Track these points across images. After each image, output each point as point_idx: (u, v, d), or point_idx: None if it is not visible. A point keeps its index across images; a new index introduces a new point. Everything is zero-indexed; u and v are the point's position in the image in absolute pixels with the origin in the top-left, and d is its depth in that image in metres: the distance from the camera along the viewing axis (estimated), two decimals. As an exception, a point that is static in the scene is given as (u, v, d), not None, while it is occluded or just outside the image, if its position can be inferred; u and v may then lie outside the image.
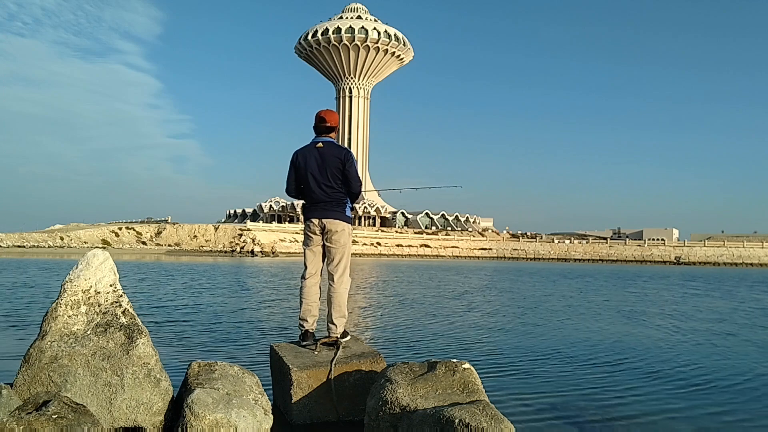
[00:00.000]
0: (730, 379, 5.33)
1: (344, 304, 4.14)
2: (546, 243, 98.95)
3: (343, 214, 4.20)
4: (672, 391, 4.80)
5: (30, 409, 2.52)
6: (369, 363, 3.70)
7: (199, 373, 3.17)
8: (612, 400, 4.45)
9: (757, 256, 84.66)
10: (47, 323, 3.08)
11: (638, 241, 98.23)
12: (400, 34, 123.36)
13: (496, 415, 2.56)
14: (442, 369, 3.12)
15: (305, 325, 4.13)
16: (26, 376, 2.93)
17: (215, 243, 78.27)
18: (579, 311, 11.42)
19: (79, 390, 2.91)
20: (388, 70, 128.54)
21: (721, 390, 4.89)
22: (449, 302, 12.79)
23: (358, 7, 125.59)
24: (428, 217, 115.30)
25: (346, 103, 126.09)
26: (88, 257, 3.33)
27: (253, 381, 3.24)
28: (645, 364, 5.90)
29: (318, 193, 4.15)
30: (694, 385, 5.02)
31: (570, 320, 9.77)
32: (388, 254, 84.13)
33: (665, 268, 55.13)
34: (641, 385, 4.98)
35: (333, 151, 4.15)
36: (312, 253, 4.24)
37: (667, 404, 4.38)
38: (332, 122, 4.29)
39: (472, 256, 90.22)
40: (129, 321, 3.22)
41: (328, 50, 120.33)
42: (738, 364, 6.04)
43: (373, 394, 3.17)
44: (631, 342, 7.38)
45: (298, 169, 4.23)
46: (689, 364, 6.00)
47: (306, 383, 3.54)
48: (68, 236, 73.25)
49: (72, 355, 2.98)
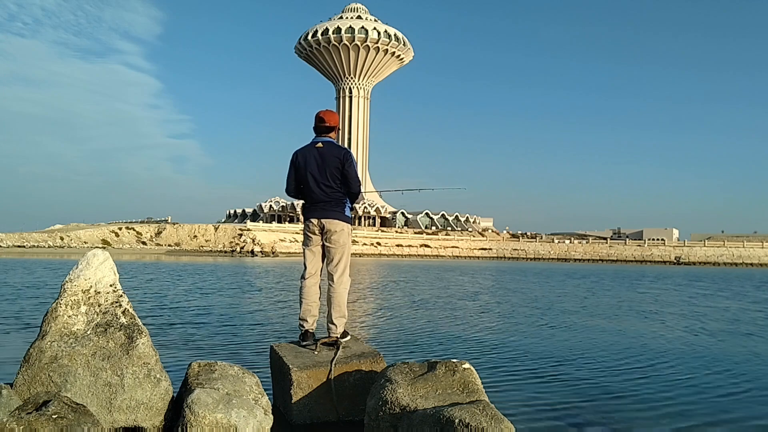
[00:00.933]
0: (730, 380, 5.33)
1: (344, 304, 4.14)
2: (546, 243, 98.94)
3: (343, 214, 4.20)
4: (672, 390, 4.79)
5: (30, 409, 2.52)
6: (369, 363, 3.70)
7: (199, 373, 3.17)
8: (612, 400, 4.44)
9: (757, 256, 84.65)
10: (47, 323, 3.08)
11: (638, 241, 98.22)
12: (400, 34, 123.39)
13: (496, 415, 2.56)
14: (442, 369, 3.12)
15: (305, 325, 4.14)
16: (26, 376, 2.93)
17: (215, 243, 78.27)
18: (595, 312, 11.30)
19: (79, 390, 2.91)
20: (388, 70, 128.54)
21: (724, 390, 4.89)
22: (465, 303, 12.64)
23: (358, 7, 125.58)
24: (428, 217, 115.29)
25: (346, 103, 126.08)
26: (88, 257, 3.33)
27: (253, 381, 3.24)
28: (647, 365, 5.89)
29: (317, 193, 4.15)
30: (698, 385, 5.01)
31: (583, 321, 9.69)
32: (388, 254, 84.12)
33: (665, 268, 55.11)
34: (643, 385, 4.97)
35: (332, 151, 4.16)
36: (311, 253, 4.24)
37: (668, 404, 4.37)
38: (331, 122, 4.29)
39: (472, 256, 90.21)
40: (129, 321, 3.22)
41: (328, 50, 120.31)
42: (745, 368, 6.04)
43: (373, 394, 3.17)
44: (638, 342, 7.37)
45: (297, 169, 4.23)
46: (692, 363, 6.01)
47: (306, 383, 3.54)
48: (68, 236, 73.25)
49: (72, 355, 2.98)
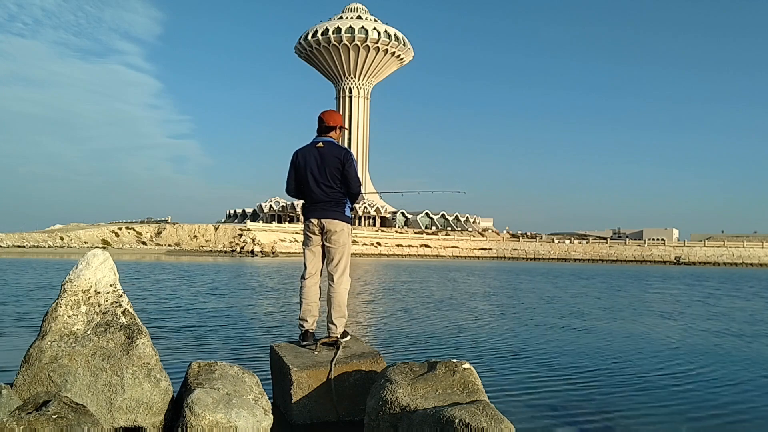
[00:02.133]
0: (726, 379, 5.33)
1: (344, 304, 4.14)
2: (546, 243, 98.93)
3: (343, 214, 4.20)
4: (673, 391, 4.79)
5: (30, 409, 2.52)
6: (369, 363, 3.70)
7: (199, 373, 3.17)
8: (614, 401, 4.44)
9: (757, 256, 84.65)
10: (47, 323, 3.08)
11: (638, 241, 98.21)
12: (400, 34, 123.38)
13: (496, 415, 2.56)
14: (442, 369, 3.12)
15: (305, 325, 4.14)
16: (26, 376, 2.93)
17: (215, 243, 78.28)
18: (611, 313, 11.14)
19: (79, 390, 2.91)
20: (388, 70, 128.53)
21: (725, 390, 4.89)
22: (476, 304, 12.50)
23: (358, 7, 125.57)
24: (428, 217, 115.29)
25: (346, 103, 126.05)
26: (88, 257, 3.33)
27: (253, 381, 3.24)
28: (650, 365, 5.89)
29: (317, 193, 4.15)
30: (702, 386, 5.02)
31: (592, 322, 9.63)
32: (388, 254, 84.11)
33: (666, 268, 55.08)
34: (647, 385, 4.97)
35: (333, 151, 4.16)
36: (312, 253, 4.24)
37: (668, 405, 4.36)
38: (330, 122, 4.29)
39: (472, 256, 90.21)
40: (129, 321, 3.22)
41: (328, 50, 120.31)
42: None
43: (373, 394, 3.17)
44: (644, 343, 7.37)
45: (297, 169, 4.23)
46: (696, 363, 6.01)
47: (306, 383, 3.54)
48: (68, 236, 73.25)
49: (72, 355, 2.98)
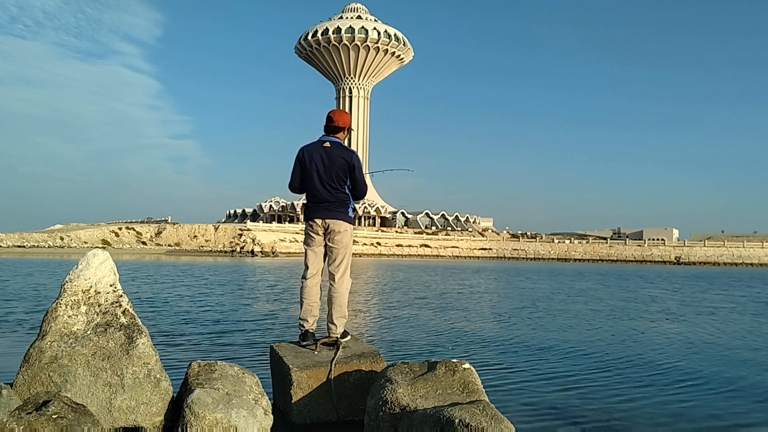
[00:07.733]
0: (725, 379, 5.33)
1: (345, 305, 4.14)
2: (546, 243, 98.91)
3: (346, 214, 4.20)
4: (673, 391, 4.79)
5: (30, 409, 2.52)
6: (369, 363, 3.69)
7: (199, 373, 3.17)
8: (614, 400, 4.43)
9: (757, 256, 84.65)
10: (47, 323, 3.08)
11: (638, 241, 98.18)
12: (400, 34, 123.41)
13: (496, 415, 2.55)
14: (442, 369, 3.12)
15: (305, 325, 4.13)
16: (26, 376, 2.93)
17: (215, 243, 78.26)
18: (614, 313, 11.22)
19: (79, 390, 2.91)
20: (388, 70, 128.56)
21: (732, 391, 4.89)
22: (477, 304, 12.57)
23: (358, 7, 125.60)
24: (428, 217, 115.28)
25: (346, 103, 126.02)
26: (88, 257, 3.32)
27: (253, 381, 3.24)
28: (650, 365, 5.89)
29: (322, 192, 4.15)
30: (704, 386, 5.01)
31: (593, 321, 9.66)
32: (388, 254, 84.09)
33: (666, 268, 55.05)
34: (647, 386, 4.96)
35: (340, 152, 4.16)
36: (313, 254, 4.24)
37: (669, 405, 4.36)
38: (340, 123, 4.28)
39: (472, 256, 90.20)
40: (129, 321, 3.21)
41: (328, 50, 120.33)
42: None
43: (373, 394, 3.17)
44: (644, 343, 7.37)
45: (303, 166, 4.22)
46: (701, 363, 6.01)
47: (306, 383, 3.54)
48: (68, 236, 73.25)
49: (72, 355, 2.98)
